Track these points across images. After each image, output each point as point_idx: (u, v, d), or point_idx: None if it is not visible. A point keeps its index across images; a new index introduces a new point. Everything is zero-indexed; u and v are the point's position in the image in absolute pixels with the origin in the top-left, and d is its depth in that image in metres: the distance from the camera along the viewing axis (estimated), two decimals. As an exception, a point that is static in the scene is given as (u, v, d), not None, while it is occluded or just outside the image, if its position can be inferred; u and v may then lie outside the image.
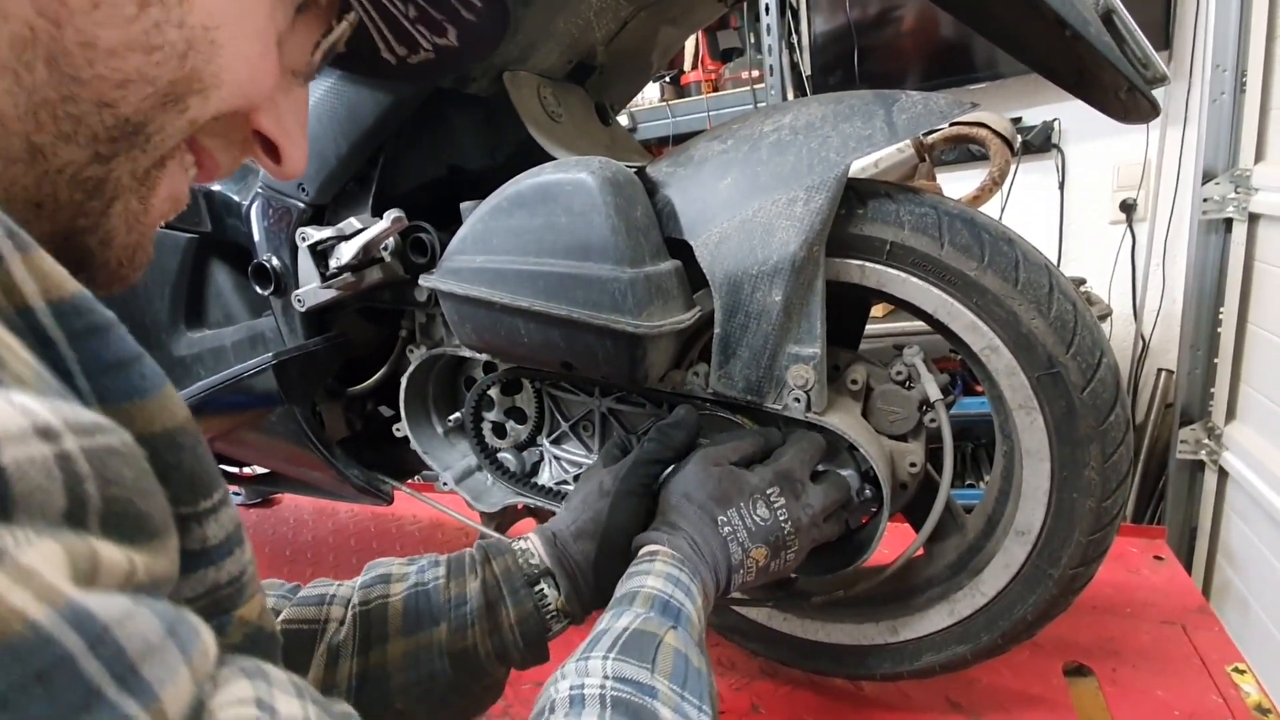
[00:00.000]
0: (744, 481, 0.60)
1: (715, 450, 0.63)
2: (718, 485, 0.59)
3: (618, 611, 0.49)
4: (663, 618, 0.48)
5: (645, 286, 0.63)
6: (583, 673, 0.43)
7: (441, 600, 0.57)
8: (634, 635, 0.46)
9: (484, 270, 0.70)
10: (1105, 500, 0.65)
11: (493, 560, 0.60)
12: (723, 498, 0.59)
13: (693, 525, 0.58)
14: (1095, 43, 0.62)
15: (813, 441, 0.66)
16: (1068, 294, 0.63)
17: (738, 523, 0.58)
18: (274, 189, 0.85)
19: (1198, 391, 1.92)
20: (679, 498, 0.60)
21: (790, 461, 0.63)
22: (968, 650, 0.75)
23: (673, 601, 0.50)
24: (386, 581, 0.58)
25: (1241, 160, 1.75)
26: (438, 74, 0.54)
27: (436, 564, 0.60)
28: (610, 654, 0.44)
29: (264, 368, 0.86)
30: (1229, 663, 0.88)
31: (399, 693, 0.55)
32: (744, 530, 0.58)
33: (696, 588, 0.54)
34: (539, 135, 0.75)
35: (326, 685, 0.53)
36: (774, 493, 0.60)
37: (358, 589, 0.58)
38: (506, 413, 0.90)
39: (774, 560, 0.60)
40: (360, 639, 0.55)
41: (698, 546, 0.57)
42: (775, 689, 0.90)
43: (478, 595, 0.57)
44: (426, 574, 0.59)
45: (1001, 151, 1.01)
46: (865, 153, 0.63)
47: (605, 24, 0.78)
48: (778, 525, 0.59)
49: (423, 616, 0.57)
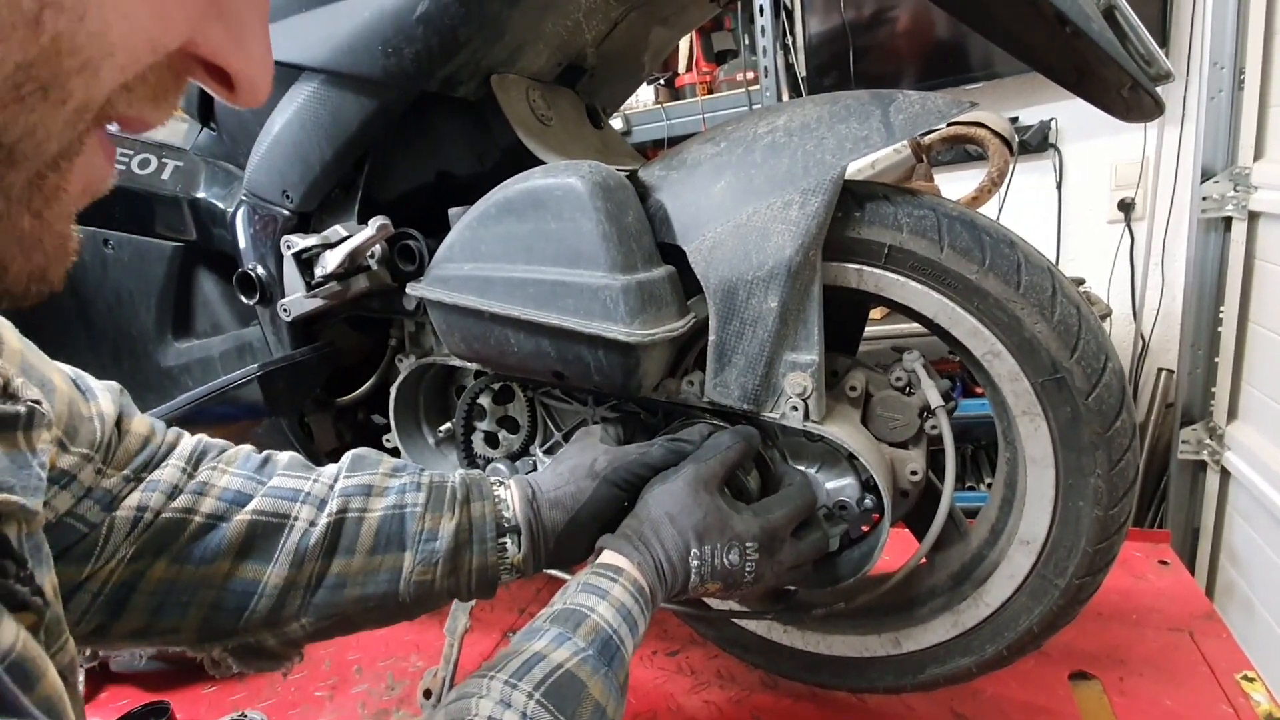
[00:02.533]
0: (729, 525, 0.60)
1: (706, 469, 0.62)
2: (703, 519, 0.59)
3: (560, 635, 0.50)
4: (598, 660, 0.49)
5: (637, 294, 0.62)
6: (505, 701, 0.45)
7: (414, 530, 0.59)
8: (564, 678, 0.47)
9: (472, 278, 0.68)
10: (1112, 508, 0.64)
11: (472, 504, 0.61)
12: (704, 533, 0.59)
13: (666, 548, 0.58)
14: (1098, 39, 0.61)
15: (805, 498, 0.66)
16: (1071, 297, 0.62)
17: (707, 558, 0.59)
18: (258, 196, 0.83)
19: (1199, 391, 1.91)
20: (661, 514, 0.60)
21: (779, 520, 0.62)
22: (972, 662, 0.73)
23: (614, 639, 0.51)
24: (367, 494, 0.59)
25: (1240, 158, 1.74)
26: None
27: (418, 487, 0.61)
28: (536, 693, 0.45)
29: (249, 379, 0.84)
30: (1238, 670, 0.86)
31: (350, 602, 0.57)
32: (709, 568, 0.59)
33: (644, 620, 0.55)
34: (528, 139, 0.73)
35: (289, 583, 0.55)
36: (752, 548, 0.60)
37: (336, 494, 0.58)
38: (499, 422, 0.88)
39: (722, 593, 0.61)
40: (328, 545, 0.56)
41: (663, 571, 0.58)
42: (776, 702, 0.89)
43: (449, 538, 0.59)
44: (407, 496, 0.60)
45: (1000, 152, 1.00)
46: (862, 154, 0.62)
47: (595, 25, 0.77)
48: (742, 573, 0.60)
49: (392, 541, 0.58)
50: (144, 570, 0.51)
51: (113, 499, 0.51)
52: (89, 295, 1.01)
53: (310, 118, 0.76)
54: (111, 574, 0.50)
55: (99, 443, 0.50)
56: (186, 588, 0.52)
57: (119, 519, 0.50)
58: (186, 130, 0.98)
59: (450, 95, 0.73)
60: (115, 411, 0.53)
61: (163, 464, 0.55)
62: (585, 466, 0.64)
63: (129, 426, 0.54)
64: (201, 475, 0.56)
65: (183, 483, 0.54)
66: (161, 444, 0.56)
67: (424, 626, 1.09)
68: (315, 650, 1.07)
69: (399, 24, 0.68)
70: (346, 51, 0.71)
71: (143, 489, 0.52)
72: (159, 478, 0.53)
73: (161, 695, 0.95)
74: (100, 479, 0.50)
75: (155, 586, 0.51)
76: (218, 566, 0.53)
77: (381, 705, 0.95)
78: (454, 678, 0.91)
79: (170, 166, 0.95)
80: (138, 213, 0.96)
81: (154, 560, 0.51)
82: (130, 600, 0.51)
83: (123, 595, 0.50)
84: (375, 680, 1.00)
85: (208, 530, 0.53)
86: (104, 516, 0.50)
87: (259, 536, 0.54)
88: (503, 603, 1.15)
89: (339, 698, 0.97)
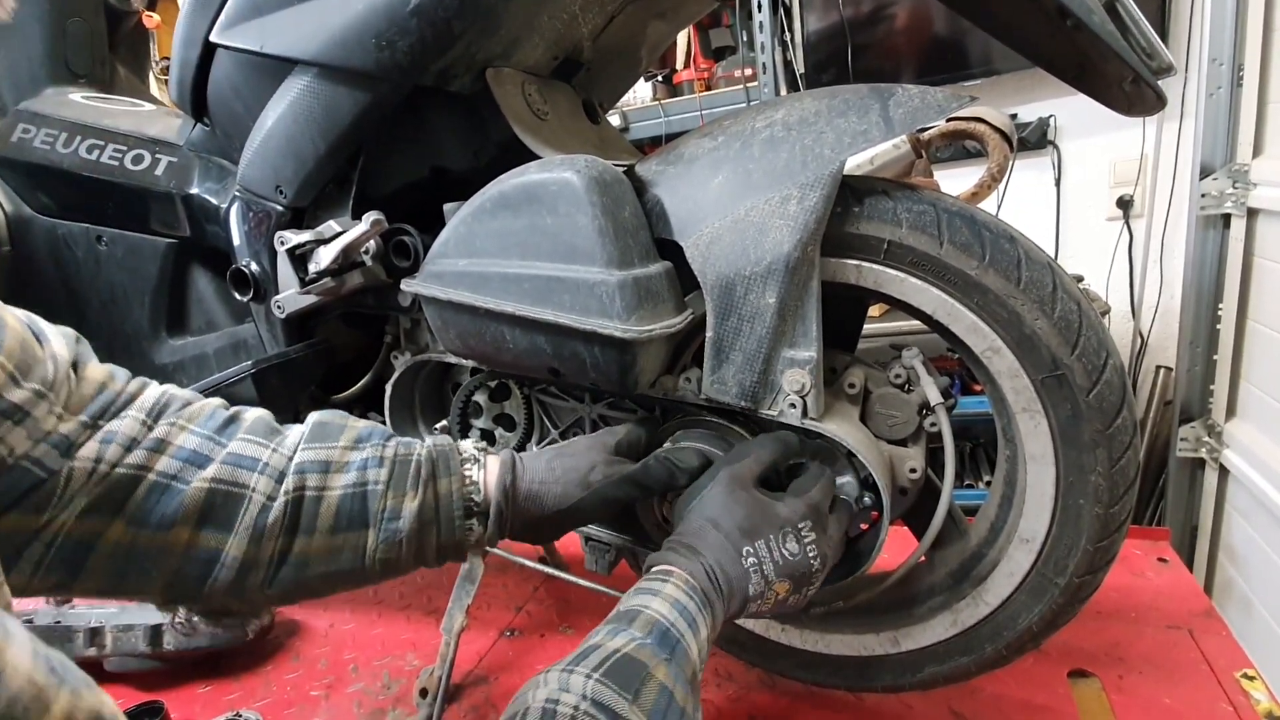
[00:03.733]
0: (774, 513, 0.58)
1: (739, 469, 0.60)
2: (746, 515, 0.57)
3: (614, 629, 0.48)
4: (658, 648, 0.47)
5: (634, 289, 0.61)
6: (563, 686, 0.42)
7: (376, 508, 0.57)
8: (623, 660, 0.44)
9: (467, 274, 0.68)
10: (1113, 506, 0.63)
11: (438, 480, 0.59)
12: (751, 529, 0.56)
13: (714, 553, 0.55)
14: (1099, 32, 0.60)
15: (827, 475, 0.64)
16: (1072, 293, 0.61)
17: (764, 555, 0.56)
18: (252, 191, 0.83)
19: (1197, 389, 1.90)
20: (702, 522, 0.57)
21: (818, 494, 0.61)
22: (971, 661, 0.72)
23: (673, 631, 0.49)
24: (325, 471, 0.57)
25: (1239, 155, 1.74)
26: None
27: (380, 462, 0.59)
28: (595, 674, 0.43)
29: (243, 376, 0.84)
30: (1238, 668, 0.86)
31: (315, 578, 0.56)
32: (770, 564, 0.56)
33: (704, 620, 0.52)
34: (524, 134, 0.73)
35: (250, 559, 0.53)
36: (806, 528, 0.58)
37: (292, 472, 0.56)
38: (495, 419, 0.88)
39: (795, 594, 0.58)
40: (288, 524, 0.55)
41: (715, 576, 0.54)
42: (774, 701, 0.88)
43: (413, 518, 0.57)
44: (369, 472, 0.58)
45: (1000, 147, 0.99)
46: (861, 149, 0.61)
47: (591, 18, 0.76)
48: (806, 561, 0.57)
49: (354, 519, 0.57)
50: (101, 530, 0.50)
51: (70, 445, 0.49)
52: (83, 292, 1.00)
53: (303, 112, 0.75)
54: (64, 525, 0.48)
55: (52, 382, 0.48)
56: (146, 554, 0.51)
57: (77, 469, 0.49)
58: (180, 126, 0.97)
59: (445, 89, 0.72)
60: (69, 356, 0.51)
61: (122, 414, 0.53)
62: (580, 472, 0.63)
63: (86, 373, 0.53)
64: (160, 430, 0.53)
65: (141, 435, 0.52)
66: (122, 392, 0.54)
67: (420, 625, 1.09)
68: (311, 649, 1.07)
69: (392, 17, 0.67)
70: (339, 45, 0.70)
71: (100, 439, 0.50)
72: (117, 429, 0.51)
73: (156, 695, 0.94)
74: (58, 423, 0.48)
75: (113, 549, 0.50)
76: (177, 534, 0.52)
77: (377, 704, 0.94)
78: (450, 676, 0.90)
79: (164, 162, 0.95)
80: (131, 209, 0.96)
81: (111, 519, 0.50)
82: (89, 562, 0.50)
83: (81, 556, 0.49)
84: (371, 679, 0.99)
85: (163, 490, 0.51)
86: (62, 464, 0.48)
87: (217, 506, 0.53)
88: (500, 601, 1.14)
89: (335, 696, 0.96)
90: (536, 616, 1.11)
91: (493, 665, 0.99)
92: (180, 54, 0.85)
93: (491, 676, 0.97)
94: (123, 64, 1.24)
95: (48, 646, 0.26)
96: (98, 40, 1.17)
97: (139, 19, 1.26)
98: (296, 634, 1.11)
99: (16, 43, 1.09)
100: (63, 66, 1.11)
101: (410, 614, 1.13)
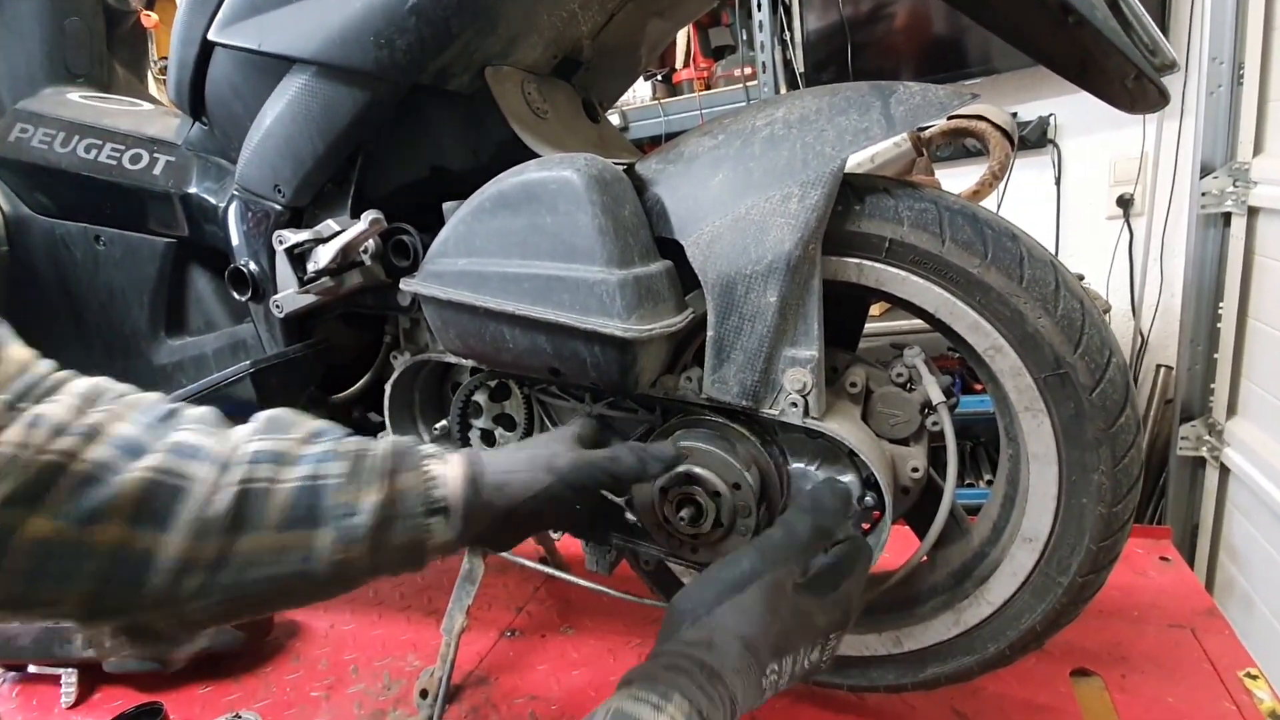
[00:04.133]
0: (811, 624, 0.52)
1: (783, 574, 0.53)
2: (784, 630, 0.51)
3: None
4: None
5: (634, 288, 0.61)
6: None
7: (331, 503, 0.52)
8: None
9: (467, 273, 0.67)
10: (1116, 505, 0.63)
11: (397, 476, 0.55)
12: (785, 645, 0.50)
13: (736, 681, 0.47)
14: (1102, 29, 0.60)
15: (865, 552, 0.60)
16: (1075, 291, 0.61)
17: (786, 670, 0.51)
18: (250, 191, 0.82)
19: (1198, 387, 1.90)
20: (732, 640, 0.49)
21: (856, 593, 0.56)
22: (974, 661, 0.72)
23: None
24: (278, 462, 0.52)
25: (1240, 153, 1.74)
26: None
27: (337, 456, 0.54)
28: None
29: (242, 376, 0.83)
30: (1240, 667, 0.86)
31: (258, 583, 0.50)
32: (788, 677, 0.51)
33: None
34: (523, 133, 0.72)
35: (188, 560, 0.48)
36: (835, 636, 0.54)
37: (241, 461, 0.51)
38: (495, 419, 0.87)
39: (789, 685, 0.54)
40: (233, 520, 0.49)
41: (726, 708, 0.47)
42: (775, 700, 0.87)
43: (371, 513, 0.52)
44: (325, 466, 0.53)
45: (1001, 145, 0.99)
46: (862, 146, 0.60)
47: (591, 17, 0.76)
48: (818, 666, 0.53)
49: (305, 516, 0.51)
50: (16, 525, 0.43)
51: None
52: (80, 292, 1.00)
53: (302, 111, 0.75)
54: None
55: None
56: (69, 552, 0.45)
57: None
58: (178, 125, 0.97)
59: (444, 88, 0.72)
60: None
61: (52, 398, 0.48)
62: (544, 459, 0.60)
63: (6, 353, 0.48)
64: (94, 417, 0.48)
65: (72, 420, 0.47)
66: (46, 376, 0.50)
67: (421, 626, 1.09)
68: (311, 650, 1.06)
69: (391, 15, 0.67)
70: (338, 43, 0.70)
71: (27, 424, 0.45)
72: (45, 412, 0.46)
73: (155, 696, 0.94)
74: None
75: (31, 547, 0.44)
76: (106, 530, 0.45)
77: (378, 705, 0.94)
78: (450, 677, 0.90)
79: (162, 162, 0.94)
80: (129, 208, 0.95)
81: (29, 513, 0.44)
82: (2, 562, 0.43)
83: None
84: (372, 680, 0.99)
85: (93, 482, 0.46)
86: None
87: (155, 499, 0.47)
88: (500, 601, 1.14)
89: (335, 697, 0.96)
90: (537, 617, 1.11)
91: (493, 666, 0.99)
92: (178, 53, 0.85)
93: (492, 677, 0.97)
94: (121, 63, 1.24)
95: None
96: (96, 39, 1.16)
97: (137, 18, 1.26)
98: (297, 635, 1.10)
99: (14, 42, 1.09)
100: (61, 66, 1.10)
101: (410, 614, 1.13)
